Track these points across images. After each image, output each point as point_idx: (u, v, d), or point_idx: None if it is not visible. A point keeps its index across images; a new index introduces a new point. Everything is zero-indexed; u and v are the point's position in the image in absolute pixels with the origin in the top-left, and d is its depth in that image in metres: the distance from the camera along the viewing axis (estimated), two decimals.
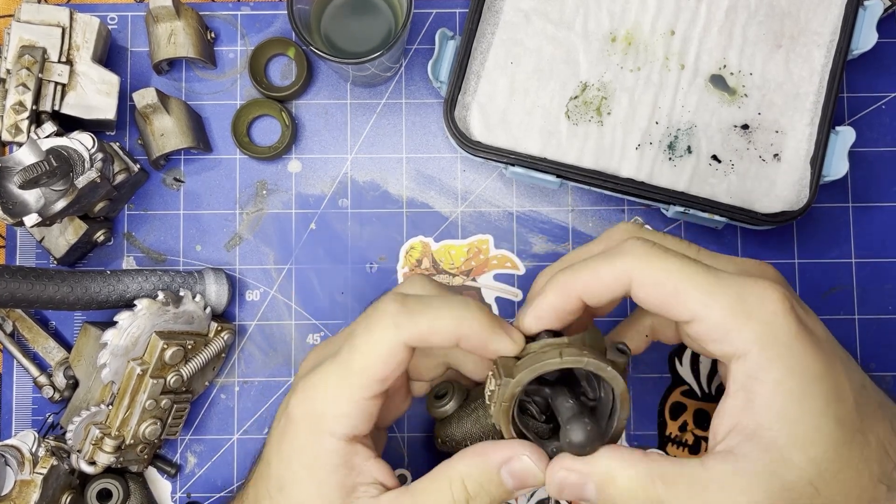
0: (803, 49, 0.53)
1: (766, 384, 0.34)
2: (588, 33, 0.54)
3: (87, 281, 0.50)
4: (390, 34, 0.55)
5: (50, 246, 0.53)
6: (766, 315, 0.35)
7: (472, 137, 0.53)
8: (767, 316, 0.35)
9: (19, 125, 0.50)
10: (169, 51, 0.54)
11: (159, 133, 0.54)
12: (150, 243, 0.57)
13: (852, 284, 0.56)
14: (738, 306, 0.35)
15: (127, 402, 0.50)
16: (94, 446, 0.50)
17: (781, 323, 0.35)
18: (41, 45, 0.51)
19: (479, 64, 0.54)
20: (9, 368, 0.56)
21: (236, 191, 0.57)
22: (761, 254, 0.56)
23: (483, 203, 0.57)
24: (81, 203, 0.49)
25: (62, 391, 0.54)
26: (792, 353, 0.35)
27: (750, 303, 0.35)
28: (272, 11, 0.58)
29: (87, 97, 0.52)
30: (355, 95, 0.58)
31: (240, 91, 0.58)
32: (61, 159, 0.47)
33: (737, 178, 0.53)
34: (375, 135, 0.58)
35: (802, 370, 0.34)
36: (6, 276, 0.47)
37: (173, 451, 0.56)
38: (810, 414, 0.34)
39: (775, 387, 0.34)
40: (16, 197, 0.49)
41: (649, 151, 0.53)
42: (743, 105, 0.53)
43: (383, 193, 0.57)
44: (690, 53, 0.53)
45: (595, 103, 0.53)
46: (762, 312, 0.35)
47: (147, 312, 0.50)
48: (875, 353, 0.56)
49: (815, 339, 0.36)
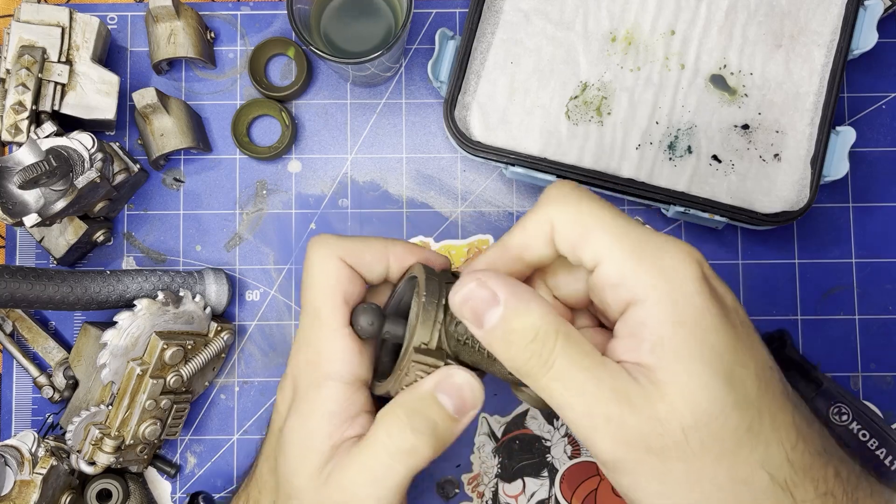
0: (803, 49, 0.53)
1: (655, 329, 0.32)
2: (588, 33, 0.54)
3: (87, 281, 0.50)
4: (390, 34, 0.54)
5: (50, 246, 0.53)
6: (669, 262, 0.33)
7: (472, 137, 0.53)
8: (670, 264, 0.33)
9: (19, 125, 0.50)
10: (169, 51, 0.54)
11: (159, 133, 0.54)
12: (149, 243, 0.57)
13: (852, 284, 0.56)
14: (641, 250, 0.33)
15: (127, 402, 0.50)
16: (93, 446, 0.49)
17: (684, 272, 0.33)
18: (41, 44, 0.51)
19: (479, 64, 0.54)
20: (9, 369, 0.56)
21: (236, 191, 0.57)
22: (761, 254, 0.56)
23: (483, 203, 0.57)
24: (81, 203, 0.49)
25: (62, 391, 0.54)
26: (691, 303, 0.32)
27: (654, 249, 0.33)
28: (272, 11, 0.58)
29: (86, 97, 0.52)
30: (355, 95, 0.58)
31: (240, 91, 0.58)
32: (61, 159, 0.47)
33: (737, 178, 0.53)
34: (375, 135, 0.58)
35: (699, 321, 0.32)
36: (6, 276, 0.47)
37: (173, 451, 0.56)
38: (698, 364, 0.31)
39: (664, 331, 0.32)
40: (16, 197, 0.48)
41: (649, 151, 0.53)
42: (743, 105, 0.53)
43: (383, 193, 0.57)
44: (690, 53, 0.53)
45: (595, 103, 0.53)
46: (666, 259, 0.33)
47: (147, 312, 0.50)
48: (875, 353, 0.56)
49: (721, 302, 0.33)
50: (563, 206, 0.35)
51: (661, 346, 0.32)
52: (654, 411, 0.31)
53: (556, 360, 0.33)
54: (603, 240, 0.34)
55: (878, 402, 0.55)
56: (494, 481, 0.55)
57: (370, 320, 0.38)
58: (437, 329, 0.37)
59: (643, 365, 0.32)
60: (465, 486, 0.55)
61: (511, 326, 0.33)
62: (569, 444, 0.55)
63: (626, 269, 0.33)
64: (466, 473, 0.55)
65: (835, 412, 0.52)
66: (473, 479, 0.55)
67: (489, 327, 0.34)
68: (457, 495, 0.55)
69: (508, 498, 0.55)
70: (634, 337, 0.33)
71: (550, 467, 0.55)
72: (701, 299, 0.32)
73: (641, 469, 0.32)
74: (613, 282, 0.33)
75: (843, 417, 0.51)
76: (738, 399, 0.32)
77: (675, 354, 0.32)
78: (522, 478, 0.55)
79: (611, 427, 0.32)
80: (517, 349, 0.33)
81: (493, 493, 0.55)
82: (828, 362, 0.56)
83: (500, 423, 0.56)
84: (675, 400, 0.31)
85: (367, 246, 0.39)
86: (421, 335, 0.37)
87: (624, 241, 0.33)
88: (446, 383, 0.37)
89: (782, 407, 0.33)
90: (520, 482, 0.55)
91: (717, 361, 0.32)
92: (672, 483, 0.32)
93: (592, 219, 0.34)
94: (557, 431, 0.55)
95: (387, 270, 0.39)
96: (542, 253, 0.36)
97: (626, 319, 0.33)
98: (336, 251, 0.38)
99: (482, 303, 0.34)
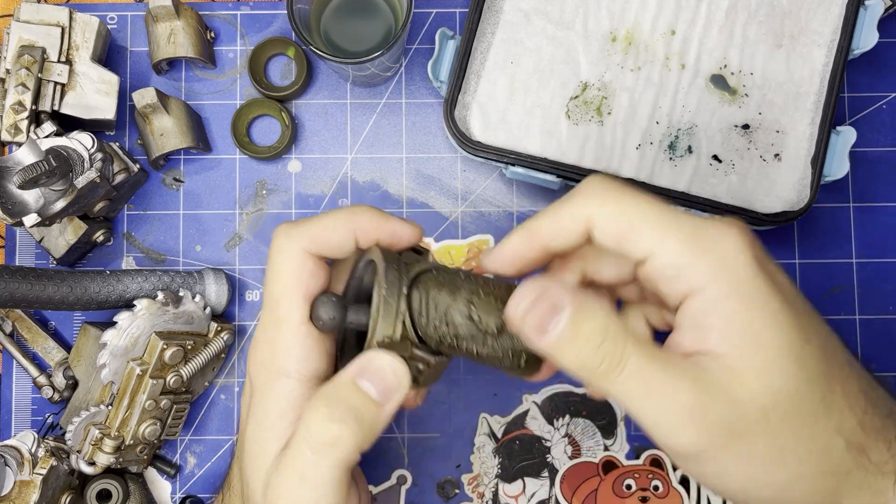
0: (804, 49, 0.53)
1: (721, 317, 0.33)
2: (588, 33, 0.54)
3: (87, 281, 0.50)
4: (390, 34, 0.54)
5: (49, 246, 0.53)
6: (723, 250, 0.33)
7: (472, 137, 0.53)
8: (724, 251, 0.33)
9: (19, 125, 0.50)
10: (168, 50, 0.54)
11: (159, 133, 0.54)
12: (149, 243, 0.57)
13: (852, 284, 0.56)
14: (694, 241, 0.33)
15: (126, 402, 0.49)
16: (93, 447, 0.49)
17: (740, 258, 0.33)
18: (41, 44, 0.51)
19: (479, 64, 0.54)
20: (8, 369, 0.56)
21: (236, 191, 0.57)
22: None
23: (483, 203, 0.57)
24: (81, 203, 0.49)
25: (62, 391, 0.54)
26: (751, 287, 0.33)
27: (706, 238, 0.33)
28: (272, 11, 0.58)
29: (86, 97, 0.52)
30: (355, 95, 0.58)
31: (239, 91, 0.58)
32: (61, 159, 0.47)
33: (737, 178, 0.53)
34: (375, 135, 0.58)
35: (762, 305, 0.33)
36: (6, 276, 0.47)
37: (173, 451, 0.56)
38: (769, 347, 0.33)
39: (731, 318, 0.33)
40: (15, 197, 0.48)
41: (650, 151, 0.53)
42: (743, 105, 0.53)
43: (383, 193, 0.57)
44: (691, 53, 0.53)
45: (595, 103, 0.53)
46: (719, 247, 0.33)
47: (147, 313, 0.50)
48: (875, 353, 0.56)
49: (776, 280, 0.34)
50: (603, 200, 0.35)
51: (729, 334, 0.33)
52: (733, 396, 0.32)
53: (630, 358, 0.33)
54: (653, 234, 0.34)
55: None
56: (494, 481, 0.55)
57: (331, 314, 0.36)
58: (399, 320, 0.36)
59: (713, 353, 0.33)
60: (465, 487, 0.55)
61: (580, 330, 0.33)
62: (569, 445, 0.55)
63: (683, 261, 0.33)
64: (466, 474, 0.55)
65: None
66: (473, 480, 0.55)
67: (555, 336, 0.33)
68: (457, 495, 0.55)
69: (508, 498, 0.55)
70: (700, 327, 0.33)
71: (550, 467, 0.55)
72: (760, 282, 0.33)
73: (727, 454, 0.33)
74: (670, 274, 0.34)
75: None
76: (810, 374, 0.33)
77: (744, 340, 0.32)
78: (522, 478, 0.55)
79: (694, 417, 0.32)
80: (588, 352, 0.33)
81: (493, 494, 0.55)
82: None
83: (501, 424, 0.56)
84: (751, 383, 0.32)
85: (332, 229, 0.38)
86: (383, 329, 0.36)
87: (675, 233, 0.34)
88: (368, 368, 0.35)
89: (849, 375, 0.34)
90: (520, 482, 0.55)
91: (785, 341, 0.32)
92: (758, 463, 0.33)
93: (638, 213, 0.34)
94: (557, 432, 0.55)
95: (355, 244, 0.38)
96: (571, 243, 0.36)
97: (688, 310, 0.34)
98: (300, 242, 0.37)
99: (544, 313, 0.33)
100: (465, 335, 0.36)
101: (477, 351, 0.36)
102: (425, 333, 0.36)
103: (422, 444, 0.56)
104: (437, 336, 0.36)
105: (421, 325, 0.36)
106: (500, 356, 0.36)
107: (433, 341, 0.37)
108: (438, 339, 0.37)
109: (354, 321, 0.37)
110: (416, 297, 0.36)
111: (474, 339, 0.36)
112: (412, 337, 0.36)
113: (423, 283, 0.37)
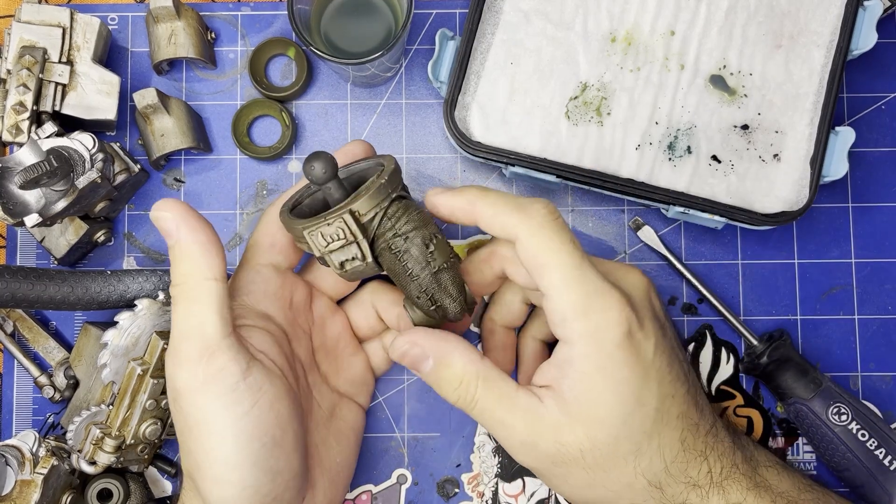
0: (803, 49, 0.53)
1: (577, 372, 0.41)
2: (588, 33, 0.54)
3: (88, 281, 0.50)
4: (390, 34, 0.55)
5: (50, 246, 0.53)
6: (600, 320, 0.41)
7: (472, 137, 0.53)
8: (601, 321, 0.41)
9: (20, 125, 0.50)
10: (169, 51, 0.55)
11: (159, 133, 0.54)
12: (150, 243, 0.57)
13: (852, 284, 0.56)
14: (583, 302, 0.41)
15: (127, 402, 0.50)
16: (94, 446, 0.50)
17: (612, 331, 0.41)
18: (42, 45, 0.51)
19: (479, 64, 0.54)
20: (9, 368, 0.56)
21: (236, 191, 0.57)
22: (761, 254, 0.56)
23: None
24: (82, 203, 0.49)
25: (62, 391, 0.54)
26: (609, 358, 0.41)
27: (593, 304, 0.41)
28: (272, 11, 0.58)
29: (87, 97, 0.52)
30: (355, 95, 0.58)
31: (240, 91, 0.58)
32: (62, 159, 0.47)
33: (737, 178, 0.53)
34: (375, 135, 0.58)
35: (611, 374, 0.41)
36: (6, 276, 0.47)
37: (173, 451, 0.56)
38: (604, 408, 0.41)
39: (582, 377, 0.41)
40: (16, 197, 0.49)
41: (649, 151, 0.53)
42: (743, 105, 0.53)
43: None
44: (690, 54, 0.53)
45: (595, 103, 0.53)
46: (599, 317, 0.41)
47: (147, 312, 0.50)
48: (875, 353, 0.56)
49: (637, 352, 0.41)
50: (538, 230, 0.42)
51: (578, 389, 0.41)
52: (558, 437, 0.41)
53: (479, 400, 0.43)
54: (557, 282, 0.41)
55: (878, 402, 0.55)
56: (494, 481, 0.55)
57: (324, 168, 0.40)
58: (377, 214, 0.41)
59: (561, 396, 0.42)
60: (465, 486, 0.55)
61: (440, 375, 0.43)
62: None
63: (565, 314, 0.41)
64: (466, 473, 0.55)
65: (834, 412, 0.52)
66: (473, 479, 0.55)
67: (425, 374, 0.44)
68: (457, 495, 0.55)
69: (508, 497, 0.55)
70: (560, 370, 0.42)
71: None
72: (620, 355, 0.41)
73: (551, 475, 0.44)
74: (554, 320, 0.42)
75: (843, 417, 0.52)
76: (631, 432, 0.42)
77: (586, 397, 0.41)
78: (522, 477, 0.55)
79: (524, 449, 0.43)
80: (447, 392, 0.43)
81: (493, 493, 0.55)
82: (827, 362, 0.56)
83: None
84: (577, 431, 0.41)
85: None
86: (362, 205, 0.41)
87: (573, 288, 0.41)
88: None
89: (675, 427, 0.43)
90: (520, 482, 0.55)
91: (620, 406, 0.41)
92: (574, 485, 0.43)
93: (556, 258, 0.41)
94: None
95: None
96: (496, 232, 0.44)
97: (558, 353, 0.43)
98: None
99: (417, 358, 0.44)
100: (414, 256, 0.42)
101: (412, 272, 0.42)
102: (381, 237, 0.42)
103: (422, 444, 0.56)
104: (388, 244, 0.42)
105: (384, 228, 0.42)
106: (423, 289, 0.43)
107: (380, 248, 0.42)
108: (388, 247, 0.42)
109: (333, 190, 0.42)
110: (395, 207, 0.42)
111: (417, 263, 0.42)
112: (371, 231, 0.41)
113: (407, 204, 0.43)
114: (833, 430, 0.52)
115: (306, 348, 0.49)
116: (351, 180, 0.46)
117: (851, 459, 0.51)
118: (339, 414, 0.50)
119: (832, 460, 0.52)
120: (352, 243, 0.41)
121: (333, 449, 0.48)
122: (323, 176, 0.40)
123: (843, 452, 0.51)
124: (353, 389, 0.51)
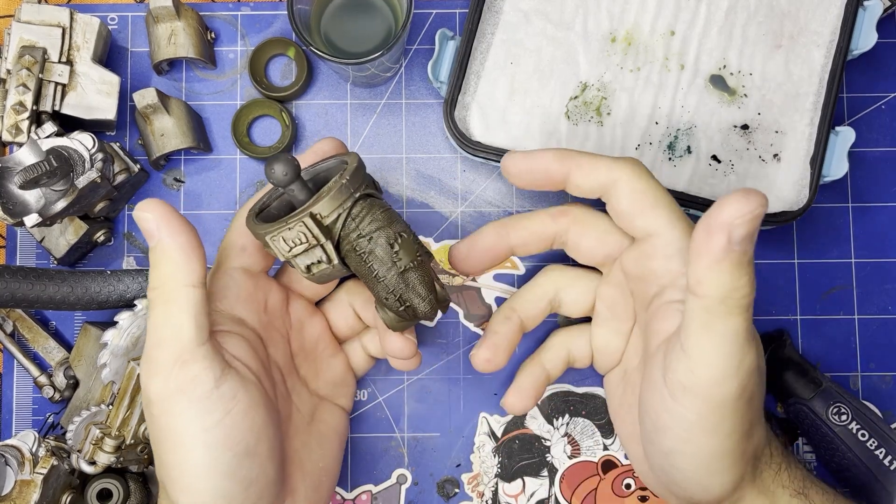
0: (803, 49, 0.53)
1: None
2: (588, 33, 0.54)
3: (87, 281, 0.50)
4: (390, 34, 0.55)
5: (50, 246, 0.53)
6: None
7: (472, 137, 0.53)
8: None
9: (20, 125, 0.50)
10: (169, 51, 0.55)
11: (159, 133, 0.54)
12: None
13: (852, 284, 0.56)
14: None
15: (127, 402, 0.50)
16: (94, 446, 0.50)
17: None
18: (41, 45, 0.51)
19: (479, 64, 0.54)
20: (9, 368, 0.56)
21: (236, 191, 0.57)
22: (761, 254, 0.56)
23: (483, 203, 0.57)
24: (82, 203, 0.49)
25: (62, 391, 0.54)
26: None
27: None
28: (272, 11, 0.58)
29: (87, 97, 0.52)
30: (355, 95, 0.58)
31: (240, 91, 0.58)
32: (61, 159, 0.47)
33: (736, 178, 0.53)
34: (375, 135, 0.58)
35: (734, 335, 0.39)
36: (6, 276, 0.47)
37: None
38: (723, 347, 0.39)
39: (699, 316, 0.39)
40: (16, 197, 0.49)
41: (649, 151, 0.53)
42: (743, 105, 0.53)
43: (383, 193, 0.57)
44: (690, 54, 0.53)
45: (595, 103, 0.53)
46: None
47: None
48: (875, 353, 0.56)
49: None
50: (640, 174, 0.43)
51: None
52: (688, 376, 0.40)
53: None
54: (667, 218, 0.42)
55: (878, 402, 0.55)
56: (494, 481, 0.55)
57: (285, 170, 0.40)
58: (340, 216, 0.40)
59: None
60: (464, 486, 0.55)
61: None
62: (568, 444, 0.55)
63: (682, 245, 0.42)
64: (466, 473, 0.55)
65: (834, 412, 0.52)
66: (473, 479, 0.55)
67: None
68: (457, 495, 0.55)
69: (508, 497, 0.55)
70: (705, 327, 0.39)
71: (550, 467, 0.55)
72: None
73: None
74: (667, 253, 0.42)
75: (843, 417, 0.52)
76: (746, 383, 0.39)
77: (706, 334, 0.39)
78: (522, 477, 0.55)
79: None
80: None
81: (492, 493, 0.55)
82: (827, 362, 0.56)
83: (500, 423, 0.56)
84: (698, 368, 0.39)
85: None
86: (323, 207, 0.40)
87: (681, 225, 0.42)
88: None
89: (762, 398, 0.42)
90: (519, 482, 0.55)
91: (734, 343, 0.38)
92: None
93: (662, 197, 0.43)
94: (557, 431, 0.55)
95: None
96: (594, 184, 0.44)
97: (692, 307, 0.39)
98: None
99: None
100: (379, 257, 0.41)
101: (377, 273, 0.41)
102: (346, 238, 0.41)
103: (422, 444, 0.56)
104: (353, 245, 0.41)
105: (347, 229, 0.41)
106: (391, 289, 0.42)
107: (345, 249, 0.41)
108: (352, 248, 0.41)
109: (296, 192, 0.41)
110: (359, 207, 0.41)
111: (382, 264, 0.41)
112: (336, 232, 0.40)
113: (371, 203, 0.42)
114: (833, 430, 0.52)
115: (284, 352, 0.47)
116: (317, 180, 0.45)
117: (851, 459, 0.51)
118: (321, 417, 0.49)
119: (832, 460, 0.52)
120: (315, 246, 0.40)
121: (315, 453, 0.47)
122: (284, 178, 0.39)
123: (843, 452, 0.51)
124: (334, 391, 0.50)
